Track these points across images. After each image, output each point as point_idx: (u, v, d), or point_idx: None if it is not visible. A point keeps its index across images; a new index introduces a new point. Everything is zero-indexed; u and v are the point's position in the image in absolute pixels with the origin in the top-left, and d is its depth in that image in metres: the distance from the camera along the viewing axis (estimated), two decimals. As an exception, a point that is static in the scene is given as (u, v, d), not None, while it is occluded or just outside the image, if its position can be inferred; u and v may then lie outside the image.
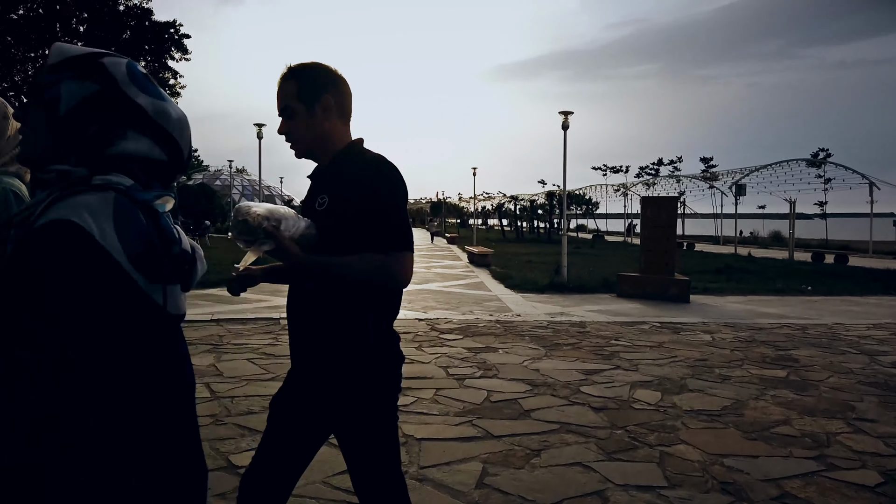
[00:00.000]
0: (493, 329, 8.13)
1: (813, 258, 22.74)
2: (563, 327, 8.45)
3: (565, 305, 10.55)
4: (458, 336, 7.54)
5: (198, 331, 7.47)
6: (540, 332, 8.04)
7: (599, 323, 8.87)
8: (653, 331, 8.38)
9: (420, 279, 14.35)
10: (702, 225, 48.56)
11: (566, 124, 12.83)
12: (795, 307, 11.01)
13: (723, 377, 5.87)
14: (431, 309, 9.81)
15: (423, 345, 6.96)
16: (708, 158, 41.40)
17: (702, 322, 9.16)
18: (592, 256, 23.03)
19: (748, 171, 31.89)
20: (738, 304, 11.28)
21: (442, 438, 4.03)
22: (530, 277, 14.02)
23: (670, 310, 10.31)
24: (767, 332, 8.51)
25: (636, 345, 7.34)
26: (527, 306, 10.36)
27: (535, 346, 7.05)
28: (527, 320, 8.98)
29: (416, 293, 11.86)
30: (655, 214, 12.12)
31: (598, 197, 47.14)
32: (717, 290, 12.85)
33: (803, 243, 29.90)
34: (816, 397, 5.26)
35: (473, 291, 12.27)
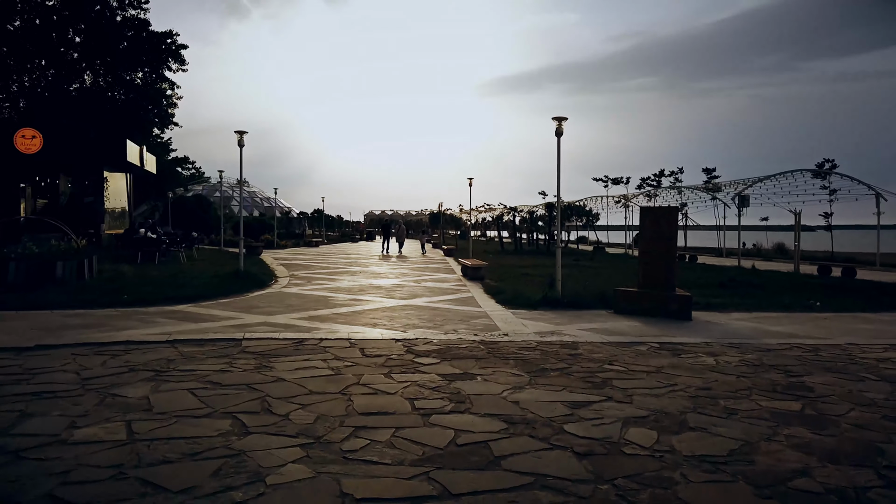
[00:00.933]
0: (475, 351, 7.41)
1: (819, 271, 21.98)
2: (552, 349, 7.73)
3: (558, 323, 9.82)
4: (434, 360, 6.82)
5: (146, 354, 6.77)
6: (526, 354, 7.32)
7: (593, 344, 8.15)
8: (651, 353, 7.65)
9: (408, 293, 13.65)
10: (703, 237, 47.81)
11: (560, 130, 12.15)
12: (804, 325, 10.27)
13: (729, 411, 5.14)
14: (412, 327, 9.09)
15: (394, 371, 6.24)
16: (710, 169, 40.59)
17: (704, 342, 8.43)
18: (591, 269, 22.27)
19: (751, 182, 31.15)
20: (744, 321, 10.55)
21: (387, 499, 3.30)
22: (523, 292, 13.29)
23: (670, 328, 9.59)
24: (776, 354, 7.78)
25: (631, 370, 6.62)
26: (516, 324, 9.64)
27: (518, 372, 6.33)
28: (514, 340, 8.26)
29: (400, 309, 11.15)
30: (655, 225, 11.41)
31: (599, 208, 46.36)
32: (721, 306, 12.11)
33: (808, 255, 29.11)
34: (838, 437, 4.53)
35: (461, 307, 11.55)
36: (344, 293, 13.49)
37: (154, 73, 51.94)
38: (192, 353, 6.89)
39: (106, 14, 46.94)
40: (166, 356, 6.68)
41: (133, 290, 11.90)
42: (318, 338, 7.93)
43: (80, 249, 13.72)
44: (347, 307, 11.19)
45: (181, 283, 13.18)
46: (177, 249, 20.21)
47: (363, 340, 7.86)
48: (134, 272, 14.98)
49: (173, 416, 4.59)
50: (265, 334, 8.08)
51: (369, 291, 13.94)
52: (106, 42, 45.97)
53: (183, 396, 5.13)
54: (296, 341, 7.67)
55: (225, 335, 7.93)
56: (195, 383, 5.55)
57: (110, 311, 9.86)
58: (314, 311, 10.60)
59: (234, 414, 4.66)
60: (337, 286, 14.97)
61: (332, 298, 12.48)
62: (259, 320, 9.34)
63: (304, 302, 11.81)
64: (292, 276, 17.62)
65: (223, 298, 11.94)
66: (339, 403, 5.01)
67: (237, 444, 4.02)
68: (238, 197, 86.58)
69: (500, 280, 17.25)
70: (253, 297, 12.47)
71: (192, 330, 8.31)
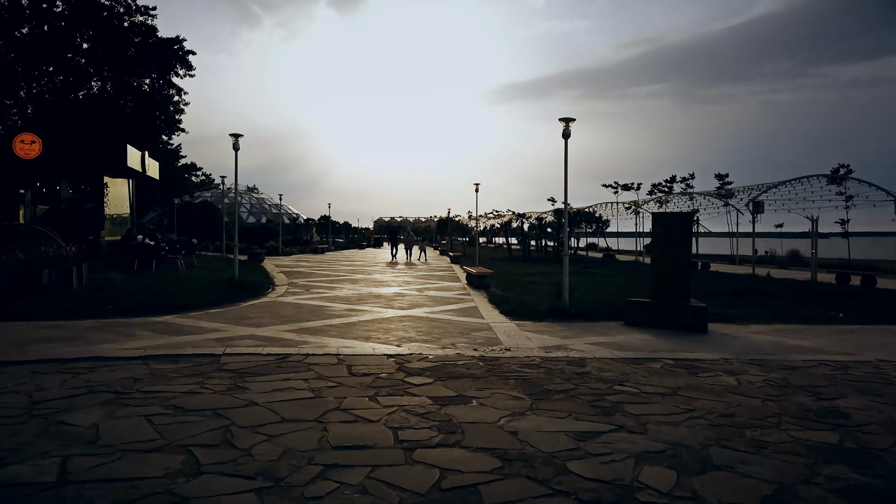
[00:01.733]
0: (473, 369, 6.80)
1: (837, 279, 21.21)
2: (558, 366, 7.10)
3: (564, 337, 9.20)
4: (427, 380, 6.22)
5: (113, 371, 6.20)
6: (529, 373, 6.70)
7: (602, 360, 7.51)
8: (665, 371, 7.01)
9: (408, 303, 13.05)
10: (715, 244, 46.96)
11: (567, 132, 11.54)
12: (829, 339, 9.59)
13: (757, 443, 4.51)
14: (408, 341, 8.49)
15: (381, 393, 5.63)
16: (723, 175, 39.78)
17: (723, 359, 7.78)
18: (601, 277, 21.60)
19: (765, 188, 30.37)
20: (763, 334, 9.88)
21: (347, 568, 2.70)
22: (529, 302, 12.67)
23: (685, 342, 8.94)
24: (803, 372, 7.12)
25: (645, 392, 5.99)
26: (520, 338, 9.02)
27: (519, 395, 5.72)
28: (517, 356, 7.64)
29: (398, 320, 10.56)
30: (668, 232, 10.76)
31: (609, 215, 45.62)
32: (738, 318, 11.43)
33: (824, 263, 28.27)
34: (886, 478, 3.89)
35: (463, 319, 10.94)
36: (341, 303, 12.91)
37: (161, 78, 51.88)
38: (163, 370, 6.32)
39: (113, 21, 46.90)
40: (134, 374, 6.11)
41: (120, 299, 11.38)
42: (304, 353, 7.34)
43: (69, 256, 13.22)
44: (342, 318, 10.61)
45: (172, 292, 12.64)
46: (175, 257, 19.72)
47: (352, 356, 7.26)
48: (126, 280, 14.48)
49: (119, 449, 4.01)
50: (247, 349, 7.50)
51: (368, 301, 13.36)
52: (113, 48, 45.90)
53: (137, 425, 4.55)
54: (279, 357, 7.08)
55: (204, 350, 7.35)
56: (156, 408, 4.97)
57: (91, 323, 9.33)
58: (307, 322, 10.03)
59: (190, 447, 4.07)
60: (335, 295, 14.40)
61: (329, 308, 11.90)
62: (245, 333, 8.77)
63: (298, 312, 11.24)
64: (291, 283, 17.07)
65: (214, 308, 11.39)
66: (313, 434, 4.42)
67: (182, 489, 3.43)
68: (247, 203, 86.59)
69: (507, 289, 16.65)
70: (245, 306, 11.91)
71: (171, 344, 7.75)
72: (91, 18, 45.85)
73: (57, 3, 44.74)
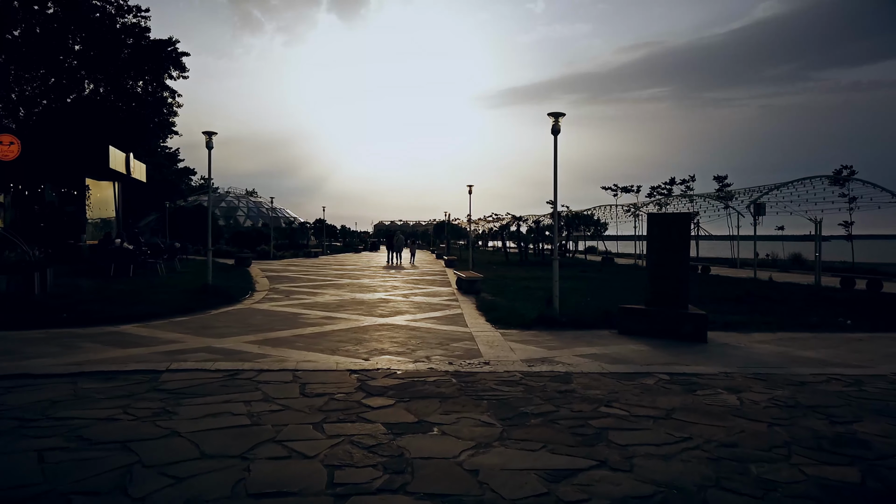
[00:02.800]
0: (443, 387, 6.07)
1: (842, 283, 20.47)
2: (540, 383, 6.37)
3: (552, 348, 8.47)
4: (388, 401, 5.48)
5: (31, 393, 5.47)
6: (506, 392, 5.96)
7: (589, 376, 6.78)
8: (659, 388, 6.28)
9: (390, 310, 12.32)
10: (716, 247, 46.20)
11: (557, 128, 10.82)
12: (838, 349, 8.86)
13: (764, 484, 3.78)
14: (379, 354, 7.76)
15: (330, 419, 4.90)
16: (722, 177, 39.04)
17: (724, 373, 7.05)
18: (598, 281, 20.87)
19: (767, 190, 29.62)
20: (767, 343, 9.15)
21: None
22: (519, 309, 11.95)
23: (683, 354, 8.21)
24: (812, 389, 6.39)
25: (634, 415, 5.26)
26: (503, 349, 8.29)
27: (489, 420, 4.98)
28: (496, 371, 6.91)
29: (374, 329, 9.83)
30: (665, 234, 10.03)
31: (608, 218, 44.84)
32: (740, 325, 10.70)
33: (827, 266, 27.55)
34: (924, 533, 3.16)
35: (445, 327, 10.21)
36: (319, 310, 12.18)
37: (155, 81, 51.29)
38: (90, 391, 5.58)
39: (105, 22, 46.31)
40: (54, 396, 5.38)
41: (79, 307, 10.66)
42: (258, 369, 6.62)
43: (32, 262, 12.50)
44: (315, 327, 9.88)
45: (140, 299, 11.93)
46: (155, 261, 18.99)
47: (311, 373, 6.53)
48: (95, 287, 13.76)
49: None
50: (195, 364, 6.77)
51: (348, 308, 12.63)
52: (105, 50, 45.29)
53: (24, 463, 3.82)
54: (228, 374, 6.35)
55: (147, 365, 6.62)
56: (57, 440, 4.24)
57: (36, 334, 8.60)
58: (275, 332, 9.30)
59: (72, 496, 3.34)
60: (315, 301, 13.67)
61: (304, 316, 11.18)
62: (202, 344, 8.04)
63: (269, 321, 10.51)
64: (272, 289, 16.35)
65: (180, 317, 10.67)
66: (231, 475, 3.69)
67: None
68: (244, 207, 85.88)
69: (498, 294, 15.93)
70: (215, 314, 11.18)
71: (112, 358, 7.01)
72: (83, 19, 45.23)
73: (49, 4, 44.14)
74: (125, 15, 47.06)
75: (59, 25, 44.67)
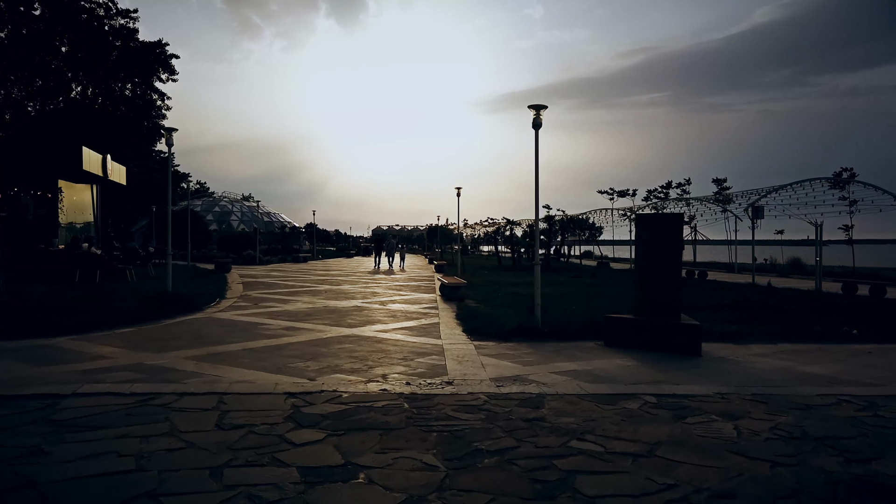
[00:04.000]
0: (391, 414, 5.19)
1: (844, 289, 19.62)
2: (506, 408, 5.50)
3: (527, 363, 7.60)
4: (319, 434, 4.60)
5: None
6: (463, 420, 5.09)
7: (565, 398, 5.91)
8: (643, 414, 5.41)
9: (362, 320, 11.43)
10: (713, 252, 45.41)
11: (538, 122, 9.97)
12: (845, 363, 8.01)
13: (768, 558, 2.90)
14: (330, 372, 6.88)
15: (235, 462, 4.01)
16: (721, 180, 38.22)
17: (719, 394, 6.19)
18: (591, 287, 20.03)
19: (765, 192, 28.81)
20: (768, 357, 8.29)
21: None
22: (500, 318, 11.09)
23: (674, 370, 7.35)
24: (821, 414, 5.53)
25: (611, 452, 4.39)
26: (472, 365, 7.42)
27: (433, 461, 4.11)
28: (458, 393, 6.04)
29: (337, 341, 8.95)
30: (655, 237, 9.17)
31: (604, 222, 44.01)
32: (737, 336, 9.85)
33: (827, 271, 26.71)
34: None
35: (415, 339, 9.34)
36: (285, 319, 11.30)
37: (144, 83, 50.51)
38: (-35, 422, 4.70)
39: (93, 24, 45.51)
40: (-83, 430, 4.49)
41: (19, 317, 9.77)
42: (181, 392, 5.73)
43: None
44: (272, 340, 9.00)
45: (91, 308, 11.04)
46: (125, 267, 18.09)
47: (241, 397, 5.65)
48: (48, 294, 12.86)
49: None
50: (110, 387, 5.88)
51: (317, 317, 11.75)
52: (94, 52, 44.49)
53: None
54: (142, 399, 5.47)
55: (52, 388, 5.74)
56: None
57: (-47, 348, 7.71)
58: (225, 345, 8.42)
59: None
60: (284, 310, 12.78)
61: (264, 327, 10.30)
62: (132, 361, 7.16)
63: (224, 332, 9.63)
64: (243, 296, 15.46)
65: (126, 328, 9.78)
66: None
67: None
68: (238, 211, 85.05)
69: (483, 301, 15.09)
70: (167, 325, 10.30)
71: (14, 379, 6.11)
72: (71, 21, 44.41)
73: (35, 5, 43.30)
74: (114, 17, 46.31)
75: (45, 27, 43.85)
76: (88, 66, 45.24)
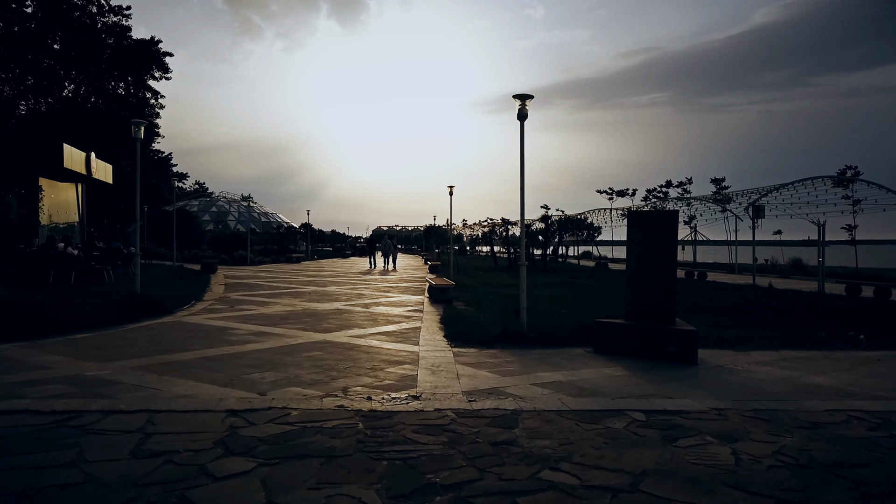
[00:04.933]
0: (339, 438, 4.55)
1: (847, 291, 18.99)
2: (474, 428, 4.86)
3: (508, 373, 6.96)
4: (247, 464, 3.96)
5: None
6: (422, 445, 4.45)
7: (543, 416, 5.27)
8: (630, 435, 4.77)
9: (339, 324, 10.79)
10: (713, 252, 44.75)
11: (524, 113, 9.34)
12: (853, 373, 7.37)
13: None
14: (288, 384, 6.24)
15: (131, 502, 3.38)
16: (720, 179, 37.56)
17: (715, 410, 5.55)
18: (587, 289, 19.38)
19: (766, 191, 28.15)
20: (769, 365, 7.65)
21: None
22: (486, 322, 10.47)
23: (667, 381, 6.71)
24: (829, 434, 4.90)
25: (587, 485, 3.75)
26: (447, 376, 6.78)
27: (372, 500, 3.47)
28: (424, 409, 5.40)
29: (305, 348, 8.31)
30: (647, 236, 8.53)
31: (602, 222, 43.35)
32: (737, 341, 9.21)
33: (830, 272, 26.03)
34: None
35: (391, 345, 8.70)
36: (257, 323, 10.66)
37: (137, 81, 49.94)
38: None
39: (85, 21, 44.90)
40: None
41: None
42: (108, 410, 5.09)
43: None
44: (234, 346, 8.36)
45: (53, 312, 10.40)
46: (102, 267, 17.45)
47: (175, 415, 5.00)
48: (13, 297, 12.20)
49: None
50: (29, 403, 5.24)
51: (292, 320, 11.11)
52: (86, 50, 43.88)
53: None
54: (59, 419, 4.82)
55: (-36, 406, 5.10)
56: None
57: None
58: (179, 353, 7.78)
59: None
60: (260, 313, 12.14)
61: (232, 332, 9.66)
62: (71, 372, 6.52)
63: (187, 338, 8.99)
64: (222, 298, 14.83)
65: (83, 333, 9.16)
66: None
67: None
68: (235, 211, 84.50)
69: (473, 303, 14.47)
70: (127, 330, 9.66)
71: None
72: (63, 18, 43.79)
73: (27, 2, 42.66)
74: (107, 15, 45.70)
75: (37, 24, 43.22)
76: (81, 64, 44.66)
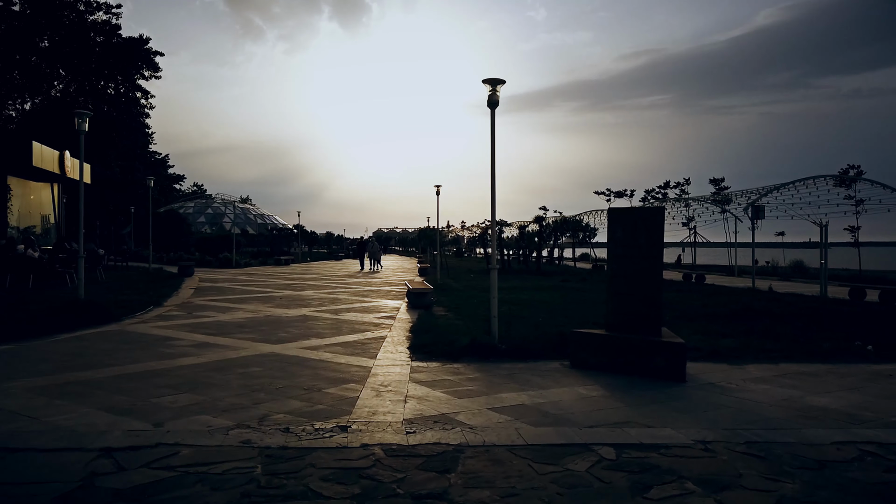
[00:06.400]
0: (223, 489, 3.60)
1: (851, 295, 18.03)
2: (399, 474, 3.92)
3: (465, 393, 6.02)
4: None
5: None
6: (323, 500, 3.50)
7: (492, 452, 4.32)
8: (593, 482, 3.83)
9: (297, 333, 9.85)
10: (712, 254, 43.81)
11: (494, 99, 8.41)
12: (863, 391, 6.43)
13: None
14: (199, 411, 5.29)
15: None
16: (719, 179, 36.64)
17: (702, 444, 4.61)
18: (578, 292, 18.48)
19: (766, 191, 27.21)
20: (767, 383, 6.71)
21: None
22: (458, 331, 9.57)
23: (647, 403, 5.77)
24: (838, 477, 3.97)
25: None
26: (392, 398, 5.84)
27: None
28: (347, 445, 4.45)
29: (243, 363, 7.37)
30: (629, 236, 7.58)
31: (598, 223, 42.41)
32: (732, 354, 8.26)
33: (832, 274, 25.05)
34: None
35: (343, 359, 7.76)
36: (207, 332, 9.74)
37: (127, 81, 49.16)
38: None
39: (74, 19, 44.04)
40: None
41: None
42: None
43: None
44: (165, 360, 7.42)
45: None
46: (65, 271, 16.52)
47: (29, 455, 4.06)
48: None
49: None
50: None
51: (248, 329, 10.17)
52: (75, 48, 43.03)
53: None
54: None
55: None
56: None
57: None
58: (94, 370, 6.84)
59: None
60: (217, 320, 11.21)
61: (173, 342, 8.73)
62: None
63: (114, 351, 8.05)
64: (185, 303, 13.89)
65: (4, 345, 8.22)
66: None
67: None
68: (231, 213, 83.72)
69: (454, 308, 13.56)
70: (53, 341, 8.72)
71: None
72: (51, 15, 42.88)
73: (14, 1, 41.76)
74: (94, 11, 44.83)
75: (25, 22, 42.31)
76: (69, 62, 43.84)
